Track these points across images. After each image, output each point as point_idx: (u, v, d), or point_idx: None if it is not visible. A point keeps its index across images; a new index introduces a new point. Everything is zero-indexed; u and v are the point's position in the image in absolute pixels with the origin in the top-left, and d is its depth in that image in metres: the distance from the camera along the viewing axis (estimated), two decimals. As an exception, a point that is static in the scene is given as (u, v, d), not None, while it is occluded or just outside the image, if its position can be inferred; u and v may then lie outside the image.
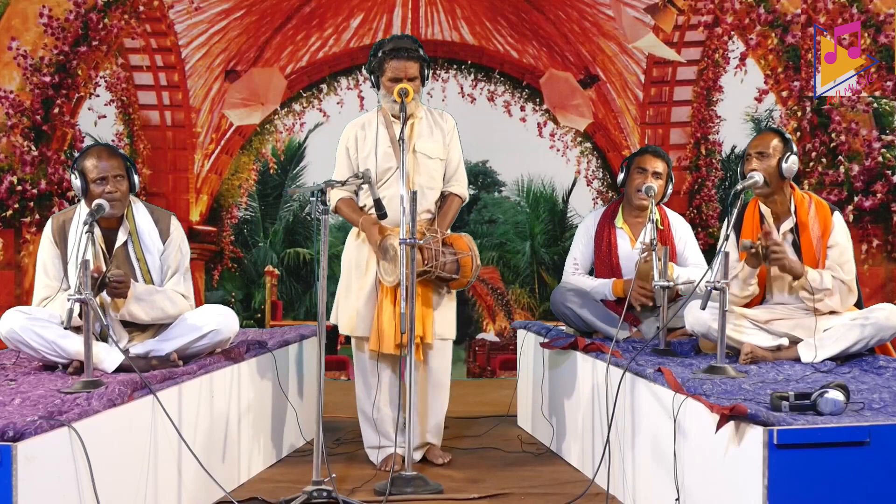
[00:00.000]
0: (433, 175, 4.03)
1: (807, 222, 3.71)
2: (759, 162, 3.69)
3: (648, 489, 3.28)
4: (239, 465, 3.77)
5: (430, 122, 4.08)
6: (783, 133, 3.76)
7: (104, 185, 3.43)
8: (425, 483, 3.61)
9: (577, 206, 9.25)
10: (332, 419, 4.95)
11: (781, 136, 3.73)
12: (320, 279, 3.39)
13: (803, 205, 3.74)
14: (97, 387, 2.92)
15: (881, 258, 7.36)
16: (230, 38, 8.22)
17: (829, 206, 3.78)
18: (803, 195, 3.77)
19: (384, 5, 8.33)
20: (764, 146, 3.70)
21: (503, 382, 6.69)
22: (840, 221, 3.76)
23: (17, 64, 7.49)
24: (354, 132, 4.06)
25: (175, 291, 3.59)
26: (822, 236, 3.71)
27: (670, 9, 7.92)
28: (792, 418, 2.60)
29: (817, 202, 3.77)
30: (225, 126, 8.39)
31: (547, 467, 4.09)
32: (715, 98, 8.17)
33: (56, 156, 7.62)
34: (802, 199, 3.75)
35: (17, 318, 3.39)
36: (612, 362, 3.61)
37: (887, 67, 7.25)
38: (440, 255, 3.83)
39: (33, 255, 7.12)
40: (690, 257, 4.42)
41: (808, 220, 3.71)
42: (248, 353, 3.91)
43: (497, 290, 9.35)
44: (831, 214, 3.74)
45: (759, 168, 3.67)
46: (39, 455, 2.42)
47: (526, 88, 8.52)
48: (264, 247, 9.88)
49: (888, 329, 3.58)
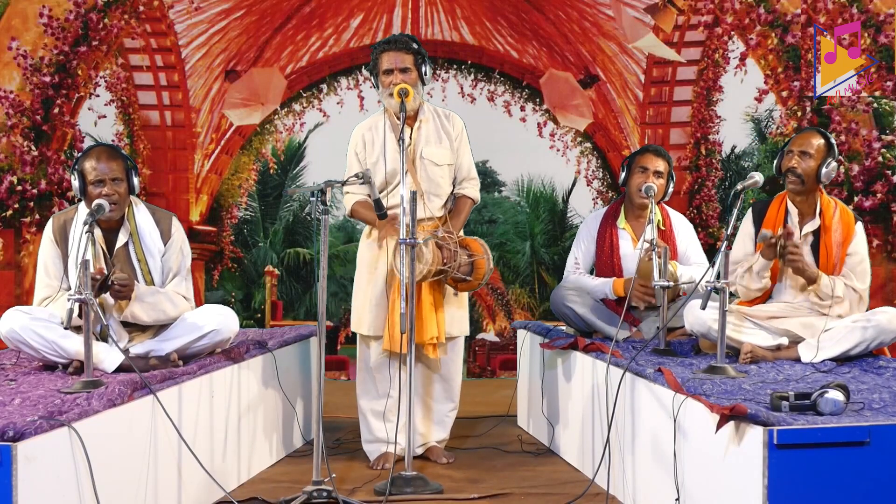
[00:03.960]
0: (439, 182, 4.04)
1: (830, 226, 3.73)
2: (801, 160, 3.69)
3: (648, 489, 3.28)
4: (239, 465, 3.77)
5: (437, 125, 4.08)
6: (829, 137, 3.75)
7: (101, 187, 3.42)
8: (425, 483, 3.61)
9: (577, 206, 9.28)
10: (332, 419, 4.95)
11: (827, 140, 3.73)
12: (320, 279, 3.39)
13: (829, 209, 3.75)
14: (97, 387, 2.92)
15: (881, 258, 7.37)
16: (230, 38, 8.23)
17: (854, 214, 3.80)
18: (830, 200, 3.79)
19: (384, 5, 8.34)
20: (808, 146, 3.70)
21: (503, 382, 6.69)
22: (861, 231, 3.78)
23: (17, 64, 7.50)
24: (362, 135, 4.07)
25: (176, 293, 3.59)
26: (843, 242, 3.72)
27: (670, 9, 7.92)
28: (792, 418, 2.60)
29: (842, 209, 3.79)
30: (225, 126, 8.40)
31: (547, 467, 4.09)
32: (715, 98, 8.18)
33: (56, 156, 7.62)
34: (829, 204, 3.77)
35: (18, 317, 3.39)
36: (612, 362, 3.61)
37: (887, 67, 7.25)
38: (456, 255, 3.85)
39: (33, 255, 7.14)
40: (693, 256, 4.42)
41: (831, 224, 3.73)
42: (248, 353, 3.91)
43: (497, 290, 9.35)
44: (854, 223, 3.76)
45: (798, 166, 3.68)
46: (39, 455, 2.42)
47: (526, 88, 8.53)
48: (264, 247, 9.89)
49: (890, 332, 3.58)
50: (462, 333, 4.15)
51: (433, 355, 4.00)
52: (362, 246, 4.14)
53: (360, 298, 4.10)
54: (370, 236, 4.10)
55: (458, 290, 4.01)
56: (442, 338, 3.99)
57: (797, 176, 3.70)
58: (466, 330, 4.16)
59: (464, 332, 4.15)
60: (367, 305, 4.06)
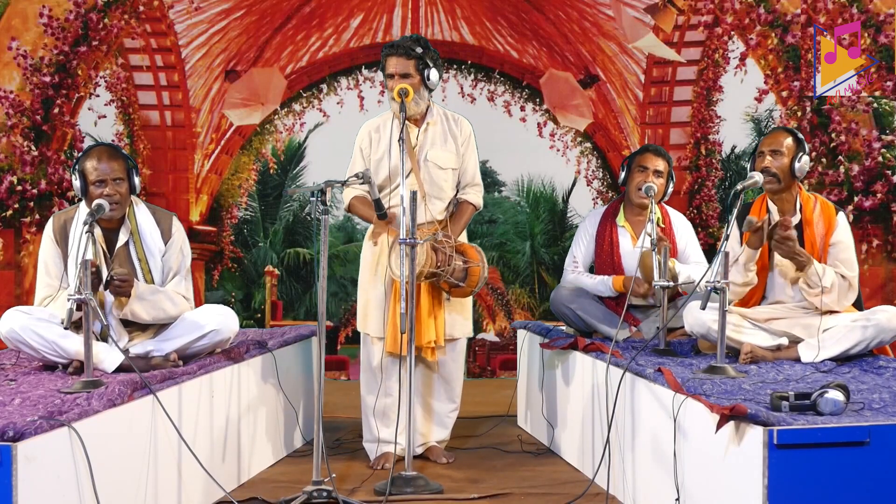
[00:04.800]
0: (442, 185, 4.04)
1: (811, 220, 3.76)
2: (773, 160, 3.72)
3: (648, 489, 3.28)
4: (239, 465, 3.77)
5: (444, 128, 4.08)
6: (796, 133, 3.80)
7: (103, 187, 3.43)
8: (425, 483, 3.62)
9: (577, 206, 9.26)
10: (332, 419, 4.95)
11: (795, 136, 3.77)
12: (320, 279, 3.39)
13: (809, 204, 3.79)
14: (97, 387, 2.92)
15: (881, 258, 7.36)
16: (230, 38, 8.22)
17: (833, 206, 3.82)
18: (809, 195, 3.83)
19: (384, 5, 8.33)
20: (777, 144, 3.74)
21: (503, 382, 6.69)
22: (844, 220, 3.81)
23: (17, 64, 7.49)
24: (368, 133, 4.09)
25: (176, 292, 3.59)
26: (825, 234, 3.76)
27: (670, 9, 7.92)
28: (792, 418, 2.60)
29: (822, 202, 3.82)
30: (225, 126, 8.39)
31: (547, 467, 4.10)
32: (715, 98, 8.17)
33: (56, 156, 7.62)
34: (808, 199, 3.81)
35: (18, 317, 3.39)
36: (612, 362, 3.61)
37: (887, 67, 7.25)
38: (451, 260, 3.85)
39: (33, 255, 7.13)
40: (692, 255, 4.43)
41: (812, 217, 3.76)
42: (248, 353, 3.91)
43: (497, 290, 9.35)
44: (835, 214, 3.79)
45: (771, 166, 3.70)
46: (39, 455, 2.42)
47: (526, 88, 8.53)
48: (264, 247, 9.89)
49: (889, 331, 3.59)
50: (464, 335, 4.15)
51: (431, 358, 4.01)
52: (365, 246, 4.16)
53: (363, 299, 4.12)
54: (372, 237, 4.11)
55: (452, 295, 4.01)
56: (440, 341, 4.00)
57: (772, 175, 3.73)
58: (469, 332, 4.17)
59: (466, 334, 4.16)
60: (371, 306, 4.07)
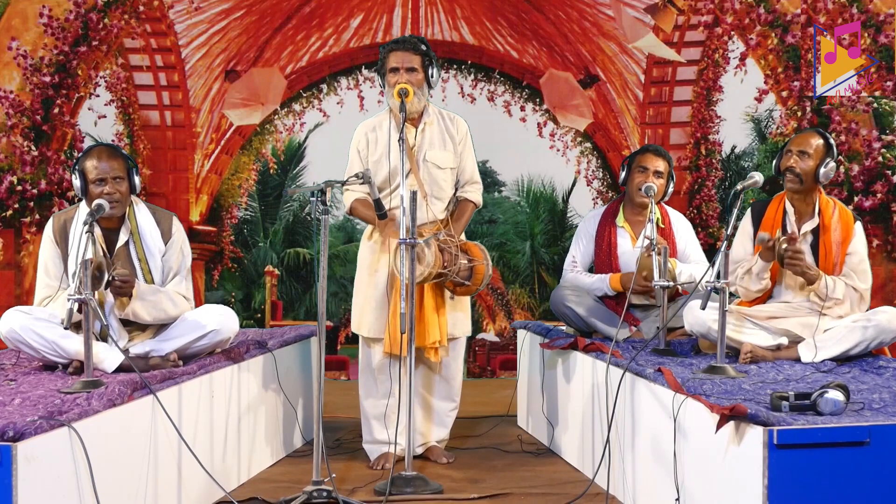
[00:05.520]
0: (442, 185, 4.04)
1: (829, 226, 3.74)
2: (799, 160, 3.71)
3: (648, 489, 3.28)
4: (239, 465, 3.77)
5: (441, 127, 4.08)
6: (828, 137, 3.77)
7: (103, 186, 3.43)
8: (425, 483, 3.61)
9: (577, 206, 9.25)
10: (332, 419, 4.95)
11: (826, 141, 3.74)
12: (320, 279, 3.39)
13: (828, 209, 3.77)
14: (97, 387, 2.92)
15: (881, 258, 7.37)
16: (230, 38, 8.22)
17: (853, 214, 3.81)
18: (829, 200, 3.81)
19: (384, 5, 8.33)
20: (807, 146, 3.72)
21: (503, 382, 6.69)
22: (861, 231, 3.79)
23: (17, 64, 7.50)
24: (365, 133, 4.07)
25: (176, 292, 3.59)
26: (842, 242, 3.74)
27: (670, 9, 7.92)
28: (792, 418, 2.60)
29: (841, 208, 3.80)
30: (225, 126, 8.39)
31: (547, 467, 4.09)
32: (715, 98, 8.17)
33: (56, 156, 7.62)
34: (828, 203, 3.79)
35: (18, 317, 3.39)
36: (612, 362, 3.61)
37: (887, 67, 7.25)
38: (457, 259, 3.85)
39: (33, 255, 7.14)
40: (692, 255, 4.43)
41: (830, 223, 3.74)
42: (248, 353, 3.91)
43: (497, 290, 9.35)
44: (853, 223, 3.77)
45: (796, 166, 3.69)
46: (39, 455, 2.42)
47: (526, 88, 8.53)
48: (264, 247, 9.88)
49: (890, 332, 3.59)
50: (464, 334, 4.15)
51: (435, 358, 4.01)
52: (363, 247, 4.14)
53: (360, 300, 4.10)
54: (371, 238, 4.10)
55: (456, 293, 4.01)
56: (444, 341, 4.00)
57: (795, 175, 3.71)
58: (468, 331, 4.17)
59: (465, 333, 4.16)
60: (367, 307, 4.06)
